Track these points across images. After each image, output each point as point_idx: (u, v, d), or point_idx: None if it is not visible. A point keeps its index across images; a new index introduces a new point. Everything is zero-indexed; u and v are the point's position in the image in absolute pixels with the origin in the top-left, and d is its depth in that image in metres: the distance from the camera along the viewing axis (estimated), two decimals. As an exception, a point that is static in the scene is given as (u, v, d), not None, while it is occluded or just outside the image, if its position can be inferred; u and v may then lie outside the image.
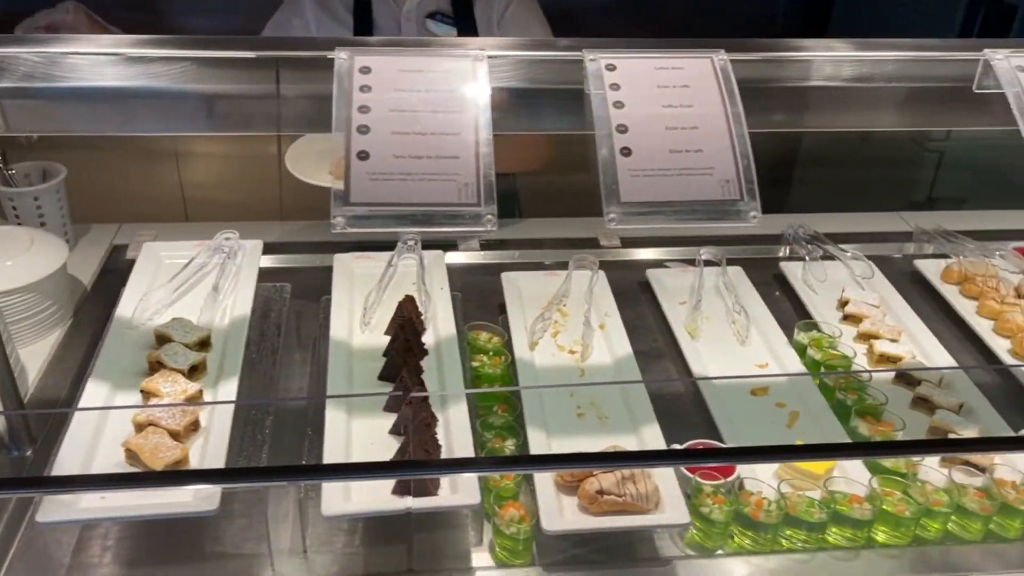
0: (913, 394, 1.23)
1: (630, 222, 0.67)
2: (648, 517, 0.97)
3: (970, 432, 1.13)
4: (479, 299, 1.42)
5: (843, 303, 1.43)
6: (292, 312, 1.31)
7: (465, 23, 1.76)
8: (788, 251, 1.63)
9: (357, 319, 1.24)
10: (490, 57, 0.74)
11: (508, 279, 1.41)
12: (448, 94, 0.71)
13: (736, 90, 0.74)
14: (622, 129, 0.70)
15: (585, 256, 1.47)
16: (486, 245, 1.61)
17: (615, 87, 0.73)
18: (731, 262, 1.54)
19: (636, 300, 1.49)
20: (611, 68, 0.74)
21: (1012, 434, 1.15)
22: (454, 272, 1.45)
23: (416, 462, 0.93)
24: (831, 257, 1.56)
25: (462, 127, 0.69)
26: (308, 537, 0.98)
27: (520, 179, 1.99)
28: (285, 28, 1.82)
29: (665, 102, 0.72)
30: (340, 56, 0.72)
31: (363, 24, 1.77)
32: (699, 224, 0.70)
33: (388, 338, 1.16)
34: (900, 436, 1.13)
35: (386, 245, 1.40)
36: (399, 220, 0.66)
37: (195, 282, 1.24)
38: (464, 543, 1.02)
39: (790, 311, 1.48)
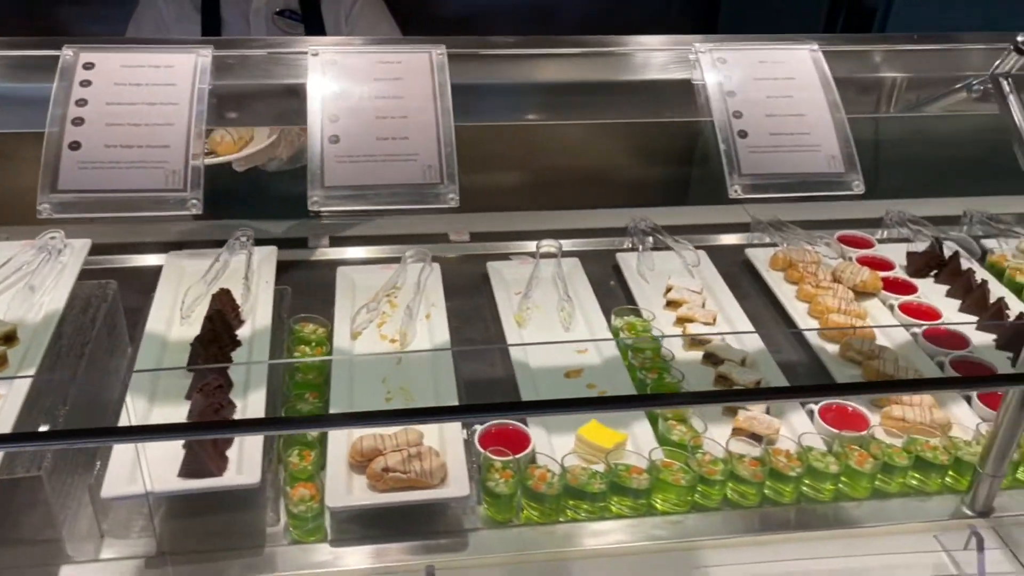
0: (716, 372, 1.31)
1: (333, 204, 0.72)
2: (428, 492, 1.02)
3: (755, 408, 1.21)
4: (319, 293, 1.46)
5: (667, 290, 1.51)
6: (117, 308, 1.33)
7: (312, 20, 1.81)
8: (629, 243, 1.71)
9: (178, 313, 1.28)
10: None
11: (343, 273, 1.46)
12: (166, 88, 0.75)
13: (448, 84, 0.80)
14: (334, 119, 0.75)
15: (421, 250, 1.52)
16: (336, 242, 1.67)
17: (329, 81, 0.78)
18: (574, 254, 1.61)
19: (476, 292, 1.54)
20: (333, 64, 0.80)
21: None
22: (299, 268, 1.50)
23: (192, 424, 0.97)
24: (666, 248, 1.64)
25: (176, 119, 0.73)
26: (105, 522, 1.02)
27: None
28: (143, 25, 1.85)
29: (376, 95, 0.78)
30: (66, 53, 0.76)
31: (211, 21, 1.80)
32: (402, 207, 0.75)
33: (205, 331, 1.20)
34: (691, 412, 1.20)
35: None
36: (104, 206, 0.70)
37: (14, 281, 1.26)
38: (260, 522, 1.06)
39: (622, 299, 1.55)
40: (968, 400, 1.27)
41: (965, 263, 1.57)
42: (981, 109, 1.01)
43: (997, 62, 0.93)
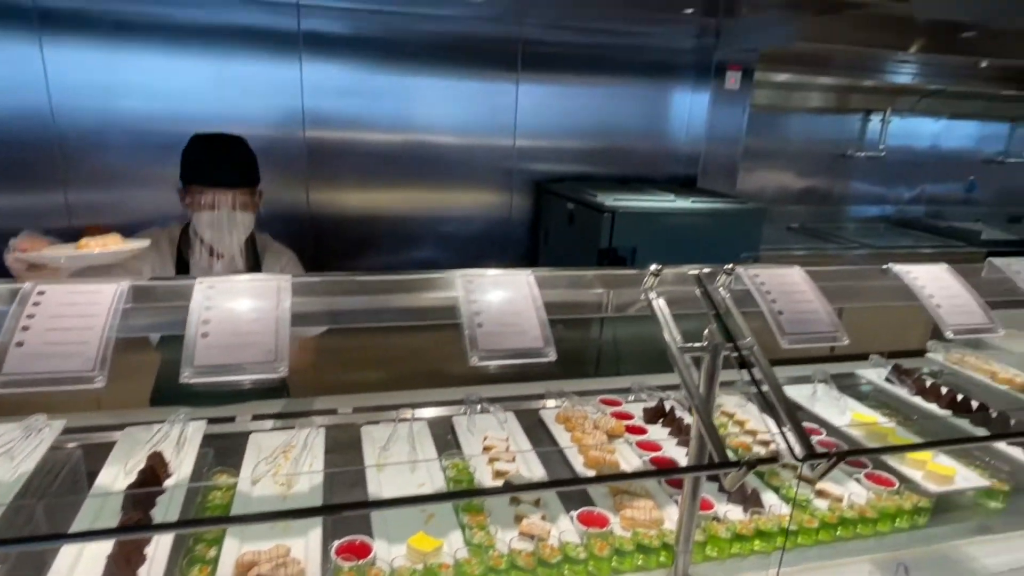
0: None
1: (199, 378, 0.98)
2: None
3: (535, 517, 1.49)
4: (238, 452, 1.67)
5: (484, 439, 1.81)
6: (79, 469, 1.53)
7: None
8: (463, 409, 2.02)
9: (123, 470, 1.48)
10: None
11: (253, 439, 1.71)
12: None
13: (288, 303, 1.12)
14: (206, 321, 1.03)
15: (310, 419, 1.80)
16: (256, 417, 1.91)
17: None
18: (424, 419, 1.91)
19: (351, 447, 1.78)
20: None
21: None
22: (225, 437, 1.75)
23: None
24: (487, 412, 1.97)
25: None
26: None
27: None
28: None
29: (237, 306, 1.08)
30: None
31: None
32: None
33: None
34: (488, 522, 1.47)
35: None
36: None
37: (-1, 451, 1.45)
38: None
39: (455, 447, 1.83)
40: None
41: (680, 413, 1.97)
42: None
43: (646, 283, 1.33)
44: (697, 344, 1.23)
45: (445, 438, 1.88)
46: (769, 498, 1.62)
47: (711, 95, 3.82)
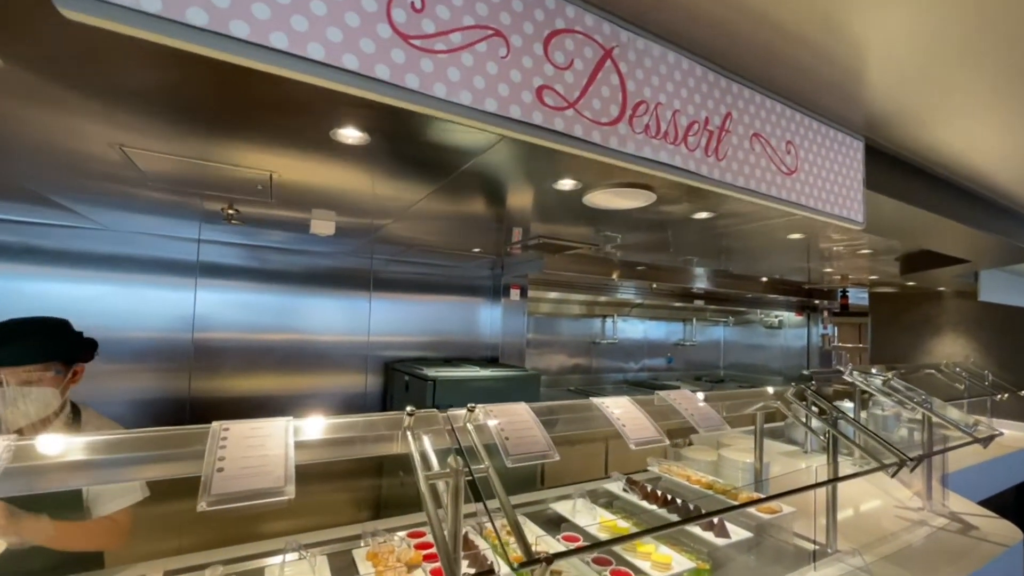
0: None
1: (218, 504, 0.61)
2: None
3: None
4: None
5: None
6: None
7: None
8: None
9: None
10: None
11: None
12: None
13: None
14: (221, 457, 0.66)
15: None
16: None
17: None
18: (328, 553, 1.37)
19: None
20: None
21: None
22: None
23: None
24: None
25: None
26: None
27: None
28: None
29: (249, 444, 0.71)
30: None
31: None
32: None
33: None
34: None
35: None
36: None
37: None
38: None
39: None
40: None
41: (473, 537, 1.62)
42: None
43: (405, 423, 1.10)
44: (443, 471, 1.00)
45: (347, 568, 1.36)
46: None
47: (503, 306, 3.96)
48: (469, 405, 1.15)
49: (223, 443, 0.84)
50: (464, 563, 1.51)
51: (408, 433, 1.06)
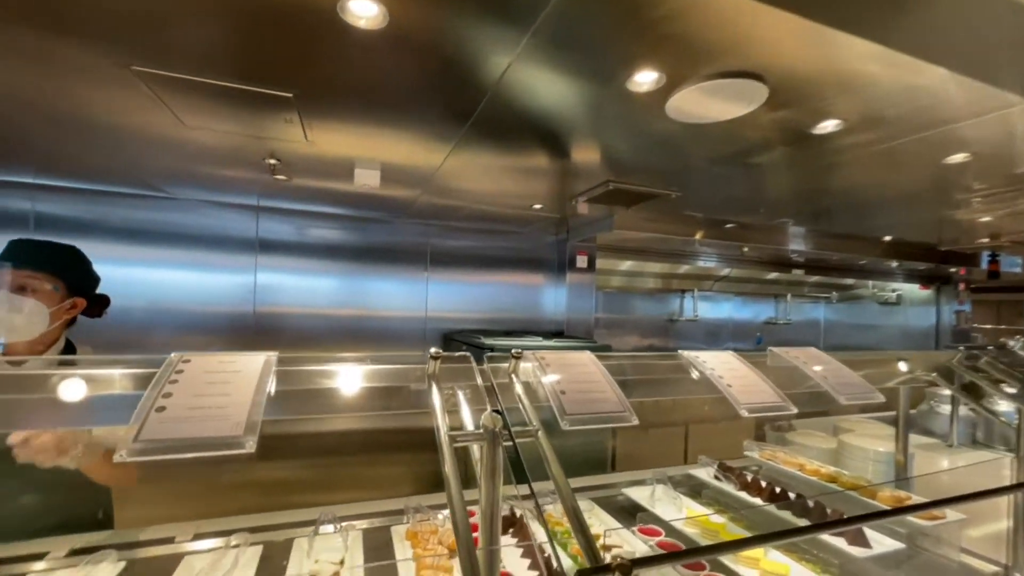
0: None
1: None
2: None
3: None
4: None
5: (315, 562, 1.13)
6: None
7: None
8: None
9: None
10: None
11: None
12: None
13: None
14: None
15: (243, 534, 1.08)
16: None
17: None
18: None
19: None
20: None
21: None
22: None
23: None
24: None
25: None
26: None
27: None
28: None
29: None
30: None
31: None
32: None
33: None
34: None
35: None
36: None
37: None
38: None
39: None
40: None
41: (528, 522, 1.35)
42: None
43: (428, 368, 0.85)
44: (475, 431, 0.73)
45: (280, 563, 1.19)
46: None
47: (568, 281, 3.65)
48: (515, 351, 0.87)
49: (175, 377, 0.63)
50: (516, 552, 1.25)
51: (433, 384, 0.80)
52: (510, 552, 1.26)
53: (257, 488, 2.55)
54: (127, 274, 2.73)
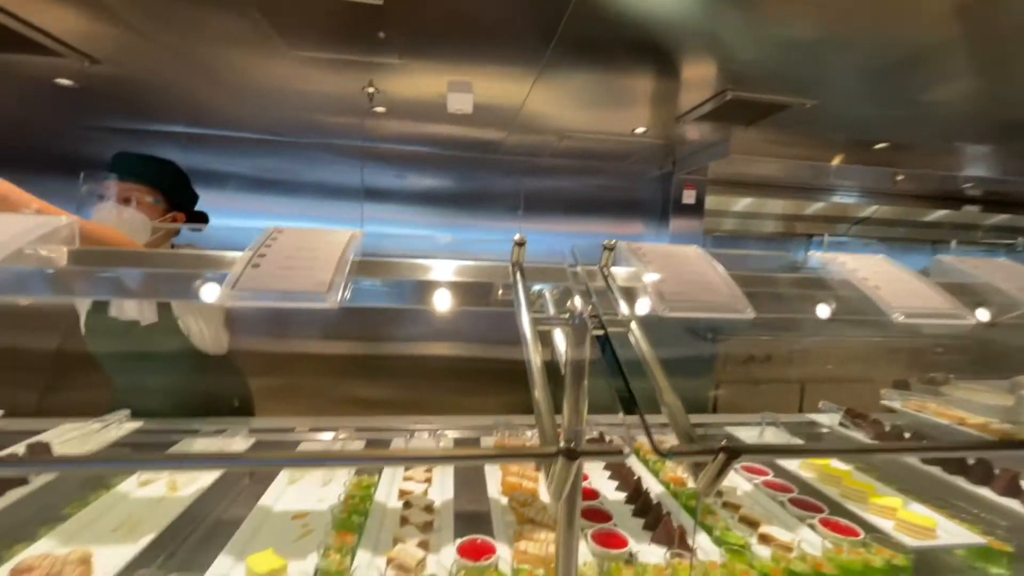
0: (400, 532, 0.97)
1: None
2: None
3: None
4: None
5: (406, 460, 1.21)
6: None
7: None
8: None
9: None
10: None
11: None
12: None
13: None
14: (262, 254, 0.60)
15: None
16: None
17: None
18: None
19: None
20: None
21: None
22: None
23: None
24: (426, 434, 1.37)
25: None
26: None
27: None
28: None
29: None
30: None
31: None
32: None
33: None
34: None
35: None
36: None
37: None
38: None
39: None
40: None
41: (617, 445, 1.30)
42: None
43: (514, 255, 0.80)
44: (560, 315, 0.67)
45: (382, 460, 1.29)
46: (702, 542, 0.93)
47: (671, 228, 3.34)
48: (607, 241, 0.78)
49: (269, 243, 0.65)
50: (604, 474, 1.21)
51: (517, 272, 0.76)
52: (594, 470, 1.22)
53: (362, 404, 2.83)
54: (251, 224, 3.06)
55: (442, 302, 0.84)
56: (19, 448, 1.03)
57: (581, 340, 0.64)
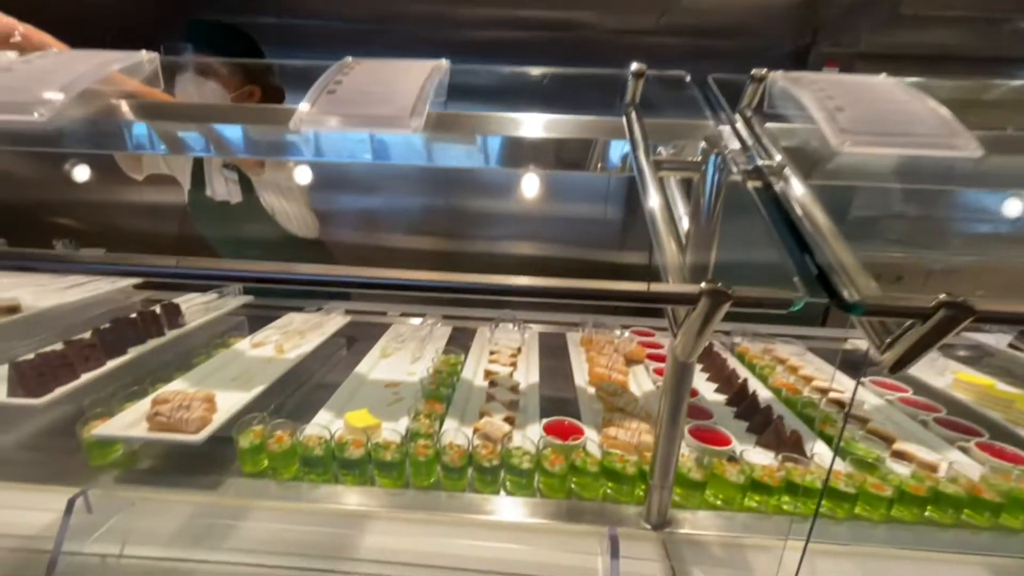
0: (486, 407, 0.96)
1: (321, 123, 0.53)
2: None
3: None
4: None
5: (495, 343, 1.19)
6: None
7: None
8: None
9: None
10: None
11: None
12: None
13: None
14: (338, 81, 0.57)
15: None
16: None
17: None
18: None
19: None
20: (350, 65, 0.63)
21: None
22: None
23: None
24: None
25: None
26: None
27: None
28: None
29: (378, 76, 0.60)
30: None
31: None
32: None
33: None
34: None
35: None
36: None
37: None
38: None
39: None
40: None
41: (718, 350, 1.18)
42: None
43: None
44: (688, 159, 0.53)
45: (465, 343, 1.29)
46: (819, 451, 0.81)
47: None
48: (755, 71, 0.60)
49: (345, 72, 0.56)
50: (701, 376, 1.10)
51: (631, 111, 0.61)
52: (696, 377, 1.12)
53: (449, 296, 2.88)
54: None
55: (538, 161, 0.73)
56: (156, 308, 1.14)
57: (718, 185, 0.50)
